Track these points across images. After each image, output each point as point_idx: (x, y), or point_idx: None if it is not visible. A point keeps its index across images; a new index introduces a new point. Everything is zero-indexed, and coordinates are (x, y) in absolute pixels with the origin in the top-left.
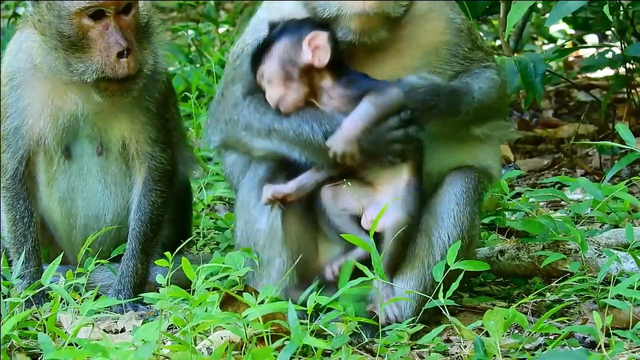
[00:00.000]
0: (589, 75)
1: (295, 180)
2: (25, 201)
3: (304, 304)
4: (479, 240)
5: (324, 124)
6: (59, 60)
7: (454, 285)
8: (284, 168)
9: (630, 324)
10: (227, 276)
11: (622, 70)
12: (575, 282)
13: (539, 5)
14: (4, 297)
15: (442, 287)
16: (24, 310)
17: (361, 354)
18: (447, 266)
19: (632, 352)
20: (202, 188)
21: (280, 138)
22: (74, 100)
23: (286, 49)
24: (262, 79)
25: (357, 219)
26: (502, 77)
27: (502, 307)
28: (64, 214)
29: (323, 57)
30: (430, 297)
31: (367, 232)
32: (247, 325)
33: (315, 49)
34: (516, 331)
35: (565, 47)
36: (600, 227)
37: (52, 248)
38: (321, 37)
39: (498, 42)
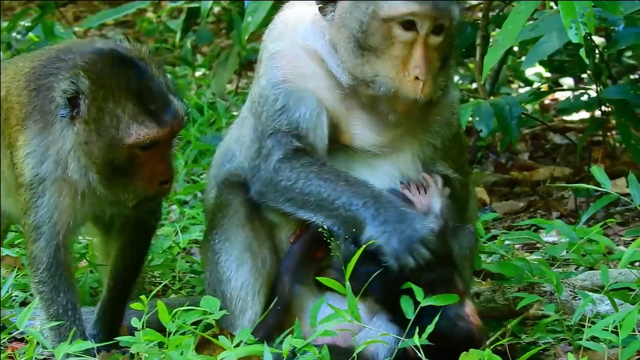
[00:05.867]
0: (565, 118)
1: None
2: (67, 293)
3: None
4: None
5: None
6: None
7: (430, 328)
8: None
9: None
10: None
11: (597, 113)
12: (551, 324)
13: (515, 49)
14: None
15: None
16: None
17: None
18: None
19: None
20: (178, 231)
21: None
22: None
23: None
24: None
25: None
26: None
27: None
28: None
29: None
30: (402, 338)
31: None
32: None
33: None
34: None
35: (541, 90)
36: (575, 269)
37: None
38: None
39: (474, 85)
